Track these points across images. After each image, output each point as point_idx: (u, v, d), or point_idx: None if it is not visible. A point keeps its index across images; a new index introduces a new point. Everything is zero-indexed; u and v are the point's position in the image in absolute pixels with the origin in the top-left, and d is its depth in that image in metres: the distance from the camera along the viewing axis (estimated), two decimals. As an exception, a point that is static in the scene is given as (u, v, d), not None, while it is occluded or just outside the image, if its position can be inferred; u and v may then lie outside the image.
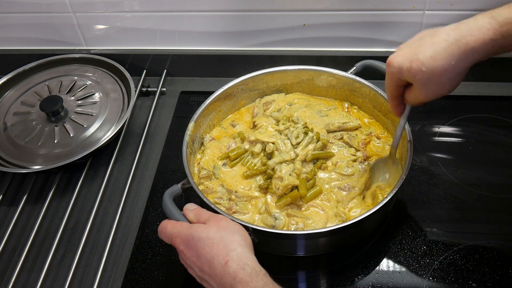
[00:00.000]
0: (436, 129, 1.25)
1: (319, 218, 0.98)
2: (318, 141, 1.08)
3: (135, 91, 1.31)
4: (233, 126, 1.21)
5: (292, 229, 0.97)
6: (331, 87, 1.22)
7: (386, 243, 1.03)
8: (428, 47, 0.81)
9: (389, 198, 0.92)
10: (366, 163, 1.05)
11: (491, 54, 0.80)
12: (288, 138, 1.08)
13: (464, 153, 1.20)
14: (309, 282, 1.01)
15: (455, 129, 1.25)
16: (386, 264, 1.00)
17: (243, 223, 0.88)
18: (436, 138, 1.23)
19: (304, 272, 1.03)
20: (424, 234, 1.04)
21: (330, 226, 0.92)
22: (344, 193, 1.02)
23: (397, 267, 0.99)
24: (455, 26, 0.81)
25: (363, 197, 1.02)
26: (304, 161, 1.05)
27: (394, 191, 0.93)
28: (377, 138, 1.13)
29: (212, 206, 0.93)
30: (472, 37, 0.78)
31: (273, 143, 1.08)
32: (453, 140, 1.24)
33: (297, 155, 1.05)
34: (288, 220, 0.99)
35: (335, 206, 1.00)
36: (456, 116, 1.28)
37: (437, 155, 1.19)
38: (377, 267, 0.99)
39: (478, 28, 0.79)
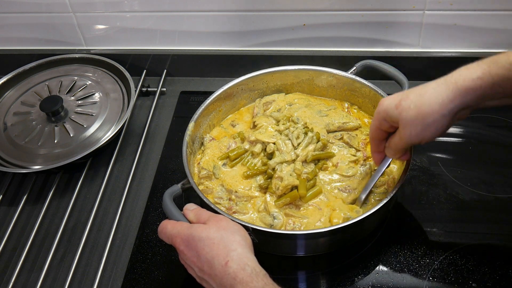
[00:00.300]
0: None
1: (314, 216, 0.98)
2: (318, 141, 1.08)
3: (135, 91, 1.31)
4: (233, 126, 1.21)
5: (289, 229, 0.97)
6: (331, 87, 1.22)
7: (386, 243, 1.03)
8: (419, 88, 0.83)
9: (389, 198, 0.92)
10: (367, 165, 1.05)
11: (480, 96, 0.79)
12: (289, 139, 1.08)
13: (464, 153, 1.20)
14: (309, 282, 1.01)
15: (455, 129, 1.25)
16: (386, 264, 1.00)
17: (243, 223, 0.88)
18: (436, 138, 1.23)
19: (304, 272, 1.03)
20: (424, 234, 1.04)
21: (330, 226, 0.92)
22: (345, 194, 1.02)
23: (397, 267, 0.99)
24: (450, 73, 0.82)
25: None
26: (304, 161, 1.05)
27: (394, 191, 0.93)
28: (377, 138, 1.13)
29: (212, 206, 0.93)
30: (461, 77, 0.79)
31: (274, 143, 1.08)
32: (453, 140, 1.24)
33: (297, 156, 1.05)
34: (286, 219, 0.99)
35: (334, 206, 1.00)
36: (456, 116, 1.28)
37: (437, 155, 1.19)
38: (377, 267, 0.99)
39: (466, 69, 0.80)
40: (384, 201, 0.92)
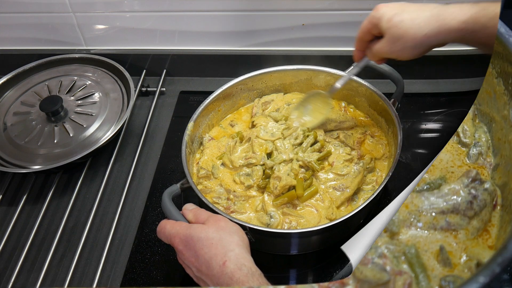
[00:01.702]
0: (423, 126, 1.26)
1: (312, 217, 0.99)
2: (315, 141, 1.08)
3: (135, 91, 1.32)
4: (232, 125, 1.21)
5: (286, 227, 0.98)
6: (329, 87, 1.22)
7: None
8: (414, 11, 0.88)
9: (375, 195, 0.93)
10: (361, 163, 1.05)
11: (460, 38, 0.84)
12: (288, 138, 1.08)
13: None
14: (299, 278, 1.01)
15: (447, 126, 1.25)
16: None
17: (240, 222, 0.88)
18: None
19: (295, 270, 1.03)
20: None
21: (322, 225, 0.93)
22: (338, 193, 1.02)
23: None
24: (445, 4, 0.86)
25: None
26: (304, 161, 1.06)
27: (378, 190, 0.94)
28: (371, 137, 1.13)
29: (211, 206, 0.94)
30: (451, 16, 0.83)
31: (272, 141, 1.08)
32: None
33: (295, 155, 1.05)
34: (283, 218, 0.99)
35: (329, 206, 1.00)
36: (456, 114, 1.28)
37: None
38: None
39: (460, 8, 0.83)
40: (370, 199, 0.93)
